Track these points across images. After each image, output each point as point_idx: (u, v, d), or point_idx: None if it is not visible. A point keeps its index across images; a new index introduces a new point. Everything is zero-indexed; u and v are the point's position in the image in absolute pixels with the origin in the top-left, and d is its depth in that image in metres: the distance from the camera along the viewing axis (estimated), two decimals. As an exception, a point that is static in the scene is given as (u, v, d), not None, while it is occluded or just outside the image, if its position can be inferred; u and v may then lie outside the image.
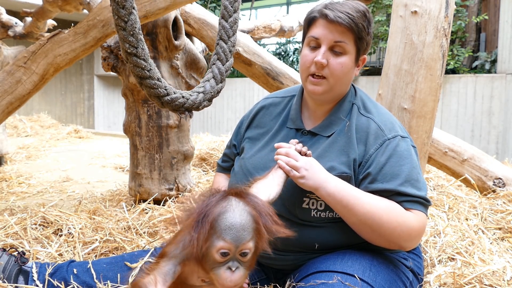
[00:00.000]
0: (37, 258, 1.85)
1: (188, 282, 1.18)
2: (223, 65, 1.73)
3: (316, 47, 1.41)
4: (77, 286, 1.49)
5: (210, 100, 1.74)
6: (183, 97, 1.66)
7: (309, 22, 1.44)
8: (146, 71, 1.55)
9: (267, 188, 1.29)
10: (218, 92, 1.75)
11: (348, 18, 1.35)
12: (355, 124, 1.43)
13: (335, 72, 1.40)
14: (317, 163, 1.35)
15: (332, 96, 1.46)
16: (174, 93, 1.65)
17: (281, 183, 1.33)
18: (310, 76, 1.42)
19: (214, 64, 1.73)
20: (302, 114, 1.54)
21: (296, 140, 1.42)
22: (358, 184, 1.38)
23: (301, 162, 1.32)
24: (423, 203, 1.36)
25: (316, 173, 1.32)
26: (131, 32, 1.48)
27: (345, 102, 1.48)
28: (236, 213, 1.08)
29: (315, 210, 1.38)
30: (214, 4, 10.95)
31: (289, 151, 1.35)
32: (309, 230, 1.40)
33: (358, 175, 1.38)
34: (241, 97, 10.55)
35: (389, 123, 1.43)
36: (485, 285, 1.48)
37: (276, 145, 1.41)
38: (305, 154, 1.37)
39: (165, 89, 1.62)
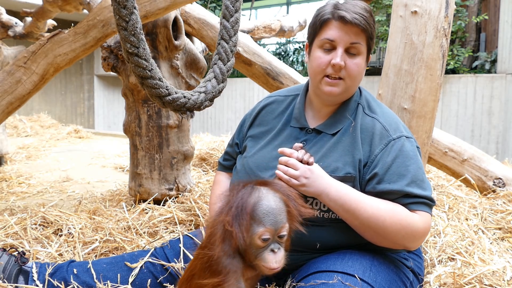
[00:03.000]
0: (37, 258, 1.85)
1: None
2: (224, 65, 1.73)
3: (330, 49, 1.41)
4: (77, 286, 1.49)
5: (211, 100, 1.74)
6: (184, 97, 1.66)
7: (321, 24, 1.42)
8: (147, 71, 1.55)
9: None
10: (220, 92, 1.75)
11: (363, 19, 1.35)
12: (360, 124, 1.44)
13: (352, 73, 1.40)
14: (318, 169, 1.33)
15: (346, 96, 1.46)
16: (176, 93, 1.65)
17: None
18: (326, 77, 1.42)
19: (215, 64, 1.73)
20: (306, 113, 1.54)
21: (300, 145, 1.38)
22: (364, 185, 1.38)
23: (300, 170, 1.31)
24: (428, 203, 1.37)
25: (316, 180, 1.30)
26: (133, 32, 1.48)
27: (351, 102, 1.48)
28: (270, 200, 1.18)
29: (318, 210, 1.38)
30: (214, 4, 10.94)
31: (289, 160, 1.33)
32: (311, 230, 1.40)
33: (363, 176, 1.38)
34: (241, 97, 10.55)
35: (394, 123, 1.44)
36: (485, 285, 1.48)
37: (279, 150, 1.38)
38: (307, 163, 1.33)
39: (167, 89, 1.62)
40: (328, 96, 1.45)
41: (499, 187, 2.59)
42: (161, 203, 2.72)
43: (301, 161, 1.32)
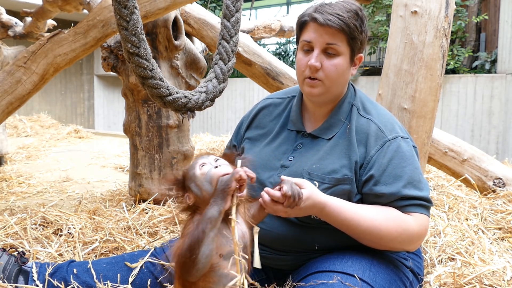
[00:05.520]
0: (37, 258, 1.85)
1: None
2: (225, 65, 1.72)
3: (309, 50, 1.41)
4: (77, 286, 1.49)
5: (212, 100, 1.73)
6: (185, 97, 1.65)
7: (301, 26, 1.44)
8: (148, 71, 1.55)
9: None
10: (221, 92, 1.75)
11: (338, 19, 1.35)
12: (355, 125, 1.43)
13: (329, 74, 1.40)
14: (308, 199, 1.25)
15: (330, 97, 1.46)
16: (177, 93, 1.64)
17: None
18: (307, 78, 1.42)
19: (216, 64, 1.73)
20: (303, 115, 1.54)
21: (285, 192, 1.19)
22: (361, 186, 1.39)
23: (289, 212, 1.25)
24: (425, 205, 1.37)
25: (307, 211, 1.28)
26: (133, 32, 1.48)
27: (344, 103, 1.48)
28: (202, 156, 1.26)
29: None
30: (214, 4, 10.94)
31: (277, 211, 1.24)
32: (309, 231, 1.40)
33: (359, 177, 1.38)
34: (241, 97, 10.55)
35: (389, 124, 1.43)
36: (485, 285, 1.48)
37: (265, 190, 1.24)
38: (296, 205, 1.22)
39: (168, 89, 1.61)
40: (309, 97, 1.46)
41: (499, 187, 2.59)
42: (161, 203, 2.72)
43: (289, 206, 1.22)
